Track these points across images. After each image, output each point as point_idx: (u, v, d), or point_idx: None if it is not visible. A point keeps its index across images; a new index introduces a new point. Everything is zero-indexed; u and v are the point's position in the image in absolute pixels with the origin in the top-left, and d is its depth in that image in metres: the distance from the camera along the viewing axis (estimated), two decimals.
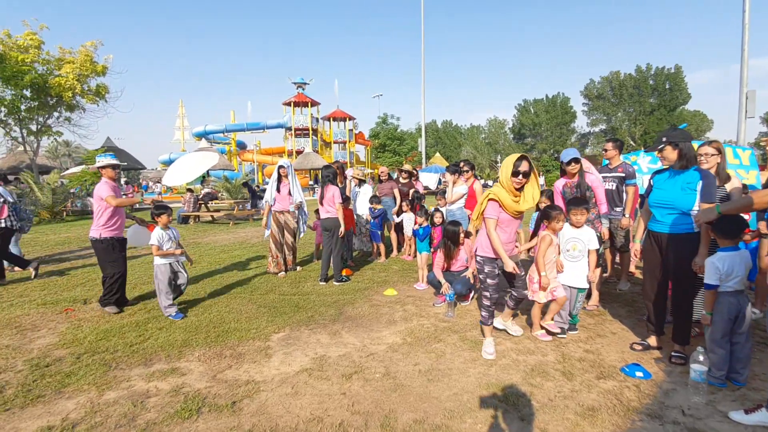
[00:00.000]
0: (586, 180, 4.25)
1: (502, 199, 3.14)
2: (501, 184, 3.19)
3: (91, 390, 2.90)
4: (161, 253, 4.34)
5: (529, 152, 56.03)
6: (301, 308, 4.59)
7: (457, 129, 65.67)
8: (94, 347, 3.61)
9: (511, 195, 3.16)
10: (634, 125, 51.30)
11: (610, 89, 53.36)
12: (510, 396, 2.72)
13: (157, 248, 4.34)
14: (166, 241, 4.42)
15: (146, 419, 2.55)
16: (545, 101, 56.07)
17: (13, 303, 4.95)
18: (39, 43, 16.74)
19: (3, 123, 16.82)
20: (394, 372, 3.09)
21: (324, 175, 5.83)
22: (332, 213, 5.68)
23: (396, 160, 42.74)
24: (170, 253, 4.39)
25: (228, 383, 2.96)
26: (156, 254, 4.33)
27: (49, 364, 3.30)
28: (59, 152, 35.50)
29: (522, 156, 3.09)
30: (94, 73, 17.68)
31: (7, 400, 2.78)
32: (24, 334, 3.98)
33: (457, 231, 4.70)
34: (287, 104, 34.05)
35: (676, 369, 3.08)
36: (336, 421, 2.49)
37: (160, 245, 4.35)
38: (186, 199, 14.12)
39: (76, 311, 4.62)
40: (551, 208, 3.67)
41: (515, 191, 3.15)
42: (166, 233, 4.43)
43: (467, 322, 4.10)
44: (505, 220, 3.23)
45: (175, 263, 4.45)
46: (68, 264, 7.26)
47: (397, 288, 5.32)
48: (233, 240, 9.72)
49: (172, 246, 4.44)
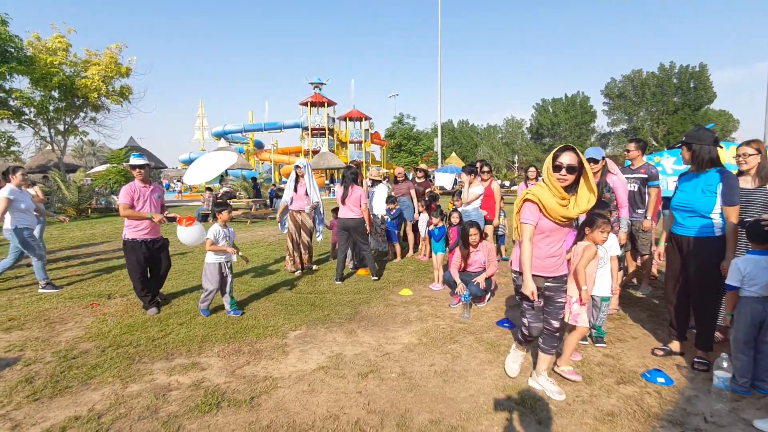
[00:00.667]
0: (608, 180, 4.15)
1: (543, 200, 2.51)
2: (544, 182, 2.59)
3: (115, 382, 2.99)
4: (215, 248, 4.29)
5: (547, 152, 55.23)
6: (317, 307, 4.63)
7: (473, 129, 65.18)
8: (118, 341, 3.72)
9: (556, 196, 2.52)
10: (656, 125, 50.03)
11: (631, 88, 52.15)
12: (527, 399, 2.70)
13: (212, 243, 4.29)
14: (222, 239, 4.37)
15: (168, 412, 2.62)
16: (564, 100, 55.18)
17: (41, 297, 5.14)
18: (67, 45, 17.34)
19: (32, 123, 17.46)
20: (410, 372, 3.10)
21: (346, 176, 5.81)
22: (356, 213, 5.67)
23: (411, 160, 42.64)
24: (223, 250, 4.32)
25: (246, 379, 3.02)
26: (209, 249, 4.29)
27: (75, 357, 3.42)
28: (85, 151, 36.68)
29: (566, 146, 2.52)
30: (118, 74, 18.23)
31: (36, 390, 2.90)
32: (52, 327, 4.13)
33: (468, 231, 4.66)
34: (304, 104, 34.37)
35: (698, 375, 3.00)
36: (352, 419, 2.51)
37: (216, 241, 4.31)
38: (205, 197, 14.42)
39: (100, 306, 4.77)
40: (597, 215, 3.08)
41: (562, 191, 2.50)
42: (223, 230, 4.39)
43: (483, 324, 4.07)
44: (548, 227, 2.57)
45: (224, 264, 4.38)
46: (93, 260, 7.50)
47: (412, 288, 5.32)
48: (251, 238, 9.88)
49: (225, 244, 4.39)
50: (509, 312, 4.40)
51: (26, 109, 16.58)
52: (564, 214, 2.51)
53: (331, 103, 34.58)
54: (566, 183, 2.49)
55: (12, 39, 14.69)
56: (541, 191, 2.54)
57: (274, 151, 33.35)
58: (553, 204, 2.50)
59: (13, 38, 14.73)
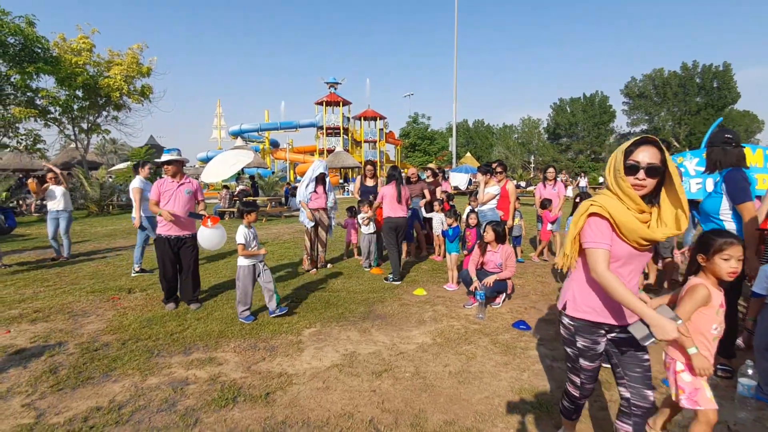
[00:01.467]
0: None
1: (617, 215, 1.72)
2: (610, 190, 1.80)
3: (135, 375, 3.06)
4: (247, 253, 4.08)
5: (564, 153, 54.41)
6: (331, 305, 4.65)
7: (489, 128, 64.57)
8: (138, 334, 3.81)
9: (632, 209, 1.74)
10: (678, 125, 48.75)
11: (653, 87, 50.91)
12: (544, 402, 2.66)
13: (243, 247, 4.05)
14: (252, 241, 4.18)
15: (185, 405, 2.66)
16: (582, 100, 54.17)
17: (65, 290, 5.30)
18: (91, 46, 17.78)
19: (57, 121, 17.97)
20: (424, 372, 3.09)
21: (395, 175, 5.84)
22: (405, 212, 5.81)
23: (426, 160, 42.49)
24: (256, 254, 4.14)
25: (262, 375, 3.05)
26: (241, 254, 4.08)
27: (97, 349, 3.51)
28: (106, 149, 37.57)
29: (644, 138, 1.74)
30: (139, 74, 18.62)
31: (60, 380, 2.99)
32: (75, 319, 4.25)
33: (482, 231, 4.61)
34: (319, 104, 34.56)
35: (721, 382, 2.91)
36: (366, 418, 2.52)
37: (247, 244, 4.09)
38: (222, 195, 14.66)
39: (121, 300, 4.89)
40: (717, 234, 2.01)
41: (640, 202, 1.73)
42: (251, 231, 4.20)
43: (498, 325, 4.03)
44: (623, 254, 1.77)
45: (258, 265, 4.22)
46: (114, 255, 7.69)
47: (426, 288, 5.30)
48: (266, 236, 9.98)
49: (256, 246, 4.23)
50: (525, 314, 4.35)
51: (52, 107, 17.07)
52: (647, 235, 1.71)
53: (346, 102, 34.69)
54: (645, 191, 1.72)
55: (39, 40, 15.13)
56: (610, 202, 1.75)
57: (290, 150, 33.65)
58: (630, 221, 1.71)
59: (40, 39, 15.17)
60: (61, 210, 7.02)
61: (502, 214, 5.98)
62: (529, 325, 3.96)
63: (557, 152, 54.60)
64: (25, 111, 15.96)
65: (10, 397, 2.76)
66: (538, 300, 4.85)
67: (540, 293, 5.11)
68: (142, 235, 6.19)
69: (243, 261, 4.12)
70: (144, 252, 6.30)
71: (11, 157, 22.21)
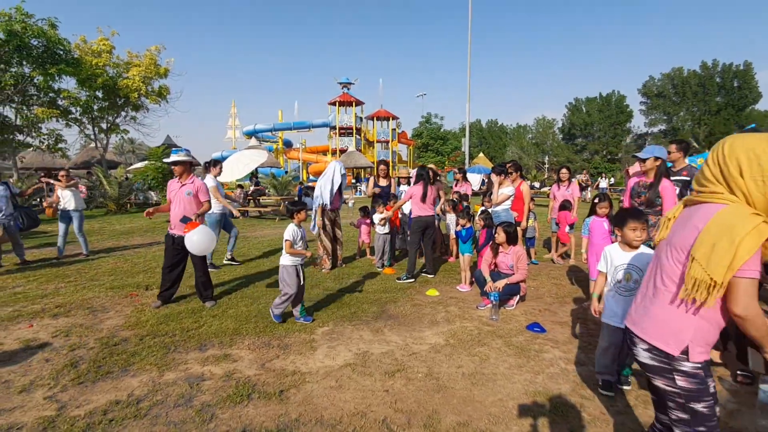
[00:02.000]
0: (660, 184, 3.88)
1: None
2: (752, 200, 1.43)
3: (152, 370, 3.12)
4: (294, 251, 4.00)
5: (579, 153, 53.62)
6: (344, 304, 4.67)
7: (502, 129, 64.03)
8: (155, 330, 3.88)
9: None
10: (697, 125, 47.62)
11: (671, 87, 49.86)
12: (559, 406, 2.63)
13: (291, 245, 3.99)
14: (299, 240, 4.10)
15: (201, 401, 2.71)
16: (599, 100, 53.33)
17: (86, 286, 5.43)
18: (110, 48, 18.21)
19: (78, 121, 18.44)
20: (437, 373, 3.08)
21: (423, 175, 5.89)
22: (433, 211, 5.91)
23: (439, 160, 42.35)
24: (301, 253, 4.04)
25: (275, 372, 3.08)
26: (288, 251, 3.98)
27: (116, 344, 3.59)
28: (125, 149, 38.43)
29: None
30: (157, 75, 19.00)
31: (80, 374, 3.06)
32: (95, 314, 4.36)
33: (493, 231, 4.58)
34: (332, 104, 34.73)
35: (742, 389, 2.84)
36: (379, 417, 2.52)
37: (294, 242, 4.03)
38: (236, 194, 14.85)
39: (139, 296, 4.99)
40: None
41: None
42: (300, 231, 4.13)
43: (512, 327, 3.99)
44: None
45: (299, 267, 4.09)
46: (132, 252, 7.85)
47: (439, 289, 5.28)
48: (279, 235, 10.04)
49: (302, 246, 4.13)
50: (540, 316, 4.30)
51: (73, 108, 17.53)
52: None
53: (359, 102, 34.79)
54: None
55: (61, 42, 15.54)
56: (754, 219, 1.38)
57: (303, 150, 33.89)
58: None
59: (62, 41, 15.58)
60: (72, 209, 7.18)
61: (516, 215, 5.92)
62: (544, 328, 3.92)
63: (572, 152, 53.83)
64: (48, 111, 16.42)
65: (33, 390, 2.85)
66: (552, 302, 4.79)
67: (555, 295, 5.05)
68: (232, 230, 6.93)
69: (286, 260, 4.02)
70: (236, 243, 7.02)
71: (34, 156, 22.86)
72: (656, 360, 1.59)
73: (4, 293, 5.10)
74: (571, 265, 6.68)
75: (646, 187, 3.99)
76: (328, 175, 6.24)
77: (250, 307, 4.56)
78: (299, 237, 4.08)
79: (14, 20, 14.05)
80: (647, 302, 1.66)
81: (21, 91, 15.12)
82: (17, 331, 3.88)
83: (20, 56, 14.64)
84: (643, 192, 3.99)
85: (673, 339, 1.54)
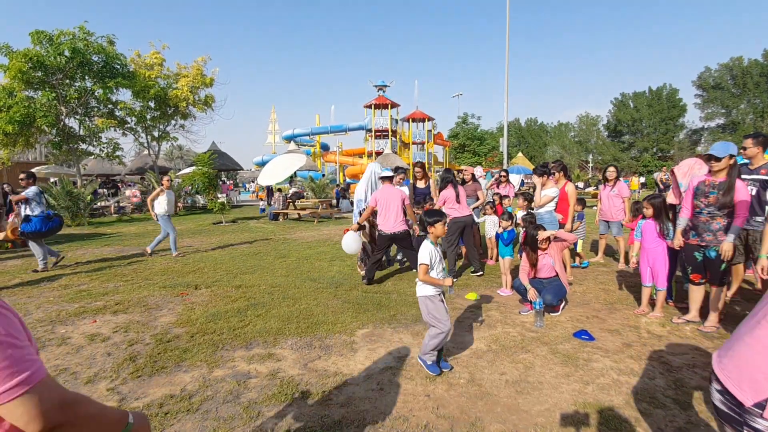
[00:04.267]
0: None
1: None
2: None
3: (203, 366, 3.27)
4: (430, 280, 3.00)
5: (626, 151, 50.94)
6: (383, 306, 4.69)
7: (542, 127, 62.01)
8: (204, 328, 4.06)
9: None
10: (760, 119, 43.84)
11: (730, 78, 46.25)
12: (611, 419, 2.49)
13: (426, 269, 3.00)
14: (438, 264, 3.07)
15: (248, 398, 2.80)
16: (648, 94, 50.43)
17: (141, 285, 5.78)
18: (162, 60, 19.37)
19: (133, 131, 19.73)
20: (479, 379, 3.02)
21: (448, 178, 6.08)
22: (468, 210, 6.07)
23: (476, 161, 41.65)
24: (438, 283, 3.02)
25: (318, 373, 3.14)
26: (422, 278, 3.02)
27: (170, 340, 3.80)
28: (174, 155, 40.66)
29: None
30: (203, 84, 19.99)
31: (138, 368, 3.26)
32: (150, 312, 4.63)
33: (534, 235, 4.43)
34: (368, 107, 35.02)
35: None
36: (422, 422, 2.50)
37: (431, 266, 3.02)
38: (276, 197, 15.33)
39: (189, 295, 5.25)
40: None
41: None
42: (437, 251, 3.10)
43: (558, 334, 3.84)
44: None
45: (441, 296, 3.12)
46: (180, 254, 8.27)
47: (479, 292, 5.18)
48: (318, 237, 10.27)
49: (442, 274, 3.07)
50: (587, 323, 4.11)
51: (128, 118, 18.79)
52: None
53: (394, 105, 34.86)
54: None
55: (118, 57, 16.72)
56: None
57: (339, 153, 34.42)
58: None
59: (119, 56, 16.76)
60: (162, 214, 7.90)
61: (561, 218, 5.70)
62: (592, 336, 3.74)
63: (619, 150, 51.21)
64: (107, 122, 17.70)
65: (97, 381, 3.06)
66: (601, 309, 4.57)
67: (603, 302, 4.81)
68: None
69: (428, 290, 3.05)
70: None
71: (95, 163, 24.64)
72: (726, 406, 1.28)
73: (71, 290, 5.54)
74: (619, 269, 6.34)
75: (714, 187, 3.70)
76: (366, 176, 6.30)
77: (292, 307, 4.67)
78: (437, 260, 3.07)
79: (77, 38, 15.26)
80: (741, 332, 1.34)
81: (84, 104, 16.38)
82: (83, 326, 4.19)
83: (83, 71, 15.87)
84: (712, 192, 3.68)
85: (750, 385, 1.21)
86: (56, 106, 15.39)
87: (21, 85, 14.82)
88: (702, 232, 3.77)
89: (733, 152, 3.60)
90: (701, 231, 3.78)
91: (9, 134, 14.67)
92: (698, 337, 3.69)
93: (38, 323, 4.29)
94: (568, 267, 5.62)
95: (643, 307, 4.36)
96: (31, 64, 14.51)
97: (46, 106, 14.92)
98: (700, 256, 3.84)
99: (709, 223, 3.73)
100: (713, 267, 3.76)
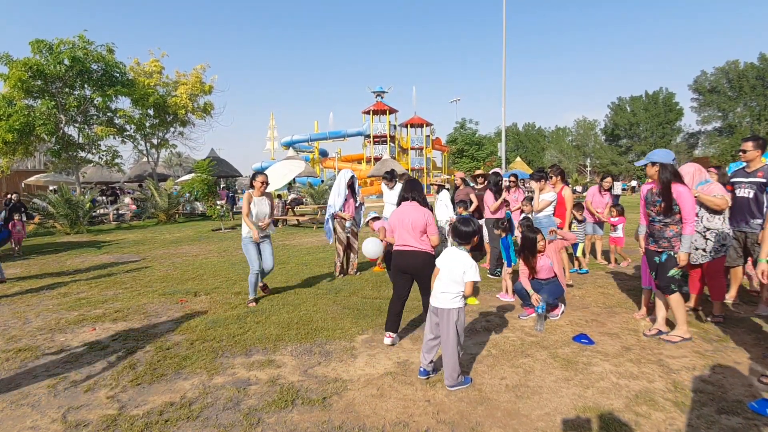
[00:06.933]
0: (673, 191, 3.52)
1: None
2: None
3: (202, 373, 3.27)
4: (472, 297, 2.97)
5: (624, 155, 51.17)
6: (383, 312, 4.68)
7: (540, 132, 62.30)
8: (204, 335, 4.06)
9: None
10: (757, 121, 44.14)
11: (726, 81, 46.63)
12: (611, 423, 2.50)
13: (473, 285, 2.96)
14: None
15: (248, 405, 2.80)
16: (645, 98, 50.77)
17: (140, 292, 5.78)
18: (161, 68, 19.46)
19: (132, 138, 19.78)
20: (479, 384, 3.02)
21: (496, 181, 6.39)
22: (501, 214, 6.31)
23: (474, 166, 41.77)
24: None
25: (318, 379, 3.14)
26: (469, 294, 3.00)
27: (169, 347, 3.79)
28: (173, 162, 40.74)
29: None
30: (202, 92, 20.07)
31: (138, 375, 3.26)
32: (149, 319, 4.62)
33: (533, 238, 4.45)
34: (366, 113, 35.21)
35: None
36: (422, 428, 2.50)
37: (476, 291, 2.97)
38: (276, 204, 15.34)
39: (188, 302, 5.25)
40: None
41: None
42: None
43: (557, 338, 3.85)
44: None
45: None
46: (180, 260, 8.27)
47: (478, 297, 5.18)
48: (317, 243, 10.27)
49: None
50: (586, 327, 4.12)
51: (128, 126, 18.84)
52: None
53: (392, 110, 35.06)
54: None
55: (117, 65, 16.79)
56: None
57: (338, 159, 34.52)
58: None
59: (118, 64, 16.83)
60: None
61: (559, 222, 5.73)
62: (592, 339, 3.74)
63: (616, 154, 51.43)
64: (106, 130, 17.73)
65: (97, 389, 3.06)
66: (600, 312, 4.58)
67: (602, 305, 4.82)
68: None
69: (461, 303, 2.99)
70: None
71: (94, 171, 24.66)
72: None
73: (70, 298, 5.53)
74: (618, 272, 6.36)
75: (659, 195, 3.65)
76: (336, 183, 6.50)
77: (292, 314, 4.67)
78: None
79: (77, 47, 15.34)
80: None
81: (83, 112, 16.43)
82: (82, 334, 4.18)
83: (82, 80, 15.94)
84: (658, 201, 3.63)
85: None
86: (56, 115, 15.44)
87: (21, 93, 14.87)
88: (658, 239, 3.72)
89: (657, 159, 3.58)
90: (657, 238, 3.74)
91: (8, 143, 14.69)
92: (697, 340, 3.70)
93: (37, 331, 4.28)
94: (567, 271, 5.63)
95: (642, 311, 4.37)
96: (31, 73, 14.57)
97: (45, 115, 14.97)
98: (658, 261, 3.80)
99: (663, 230, 3.67)
100: (661, 271, 3.69)
